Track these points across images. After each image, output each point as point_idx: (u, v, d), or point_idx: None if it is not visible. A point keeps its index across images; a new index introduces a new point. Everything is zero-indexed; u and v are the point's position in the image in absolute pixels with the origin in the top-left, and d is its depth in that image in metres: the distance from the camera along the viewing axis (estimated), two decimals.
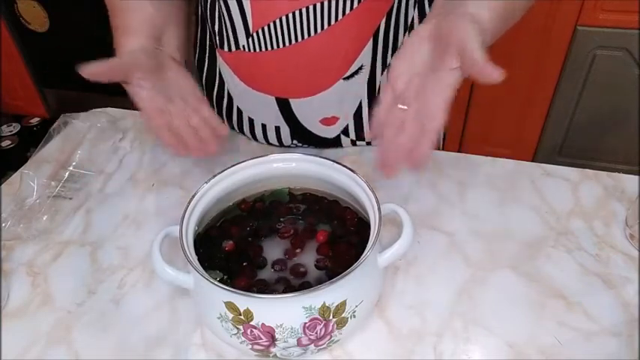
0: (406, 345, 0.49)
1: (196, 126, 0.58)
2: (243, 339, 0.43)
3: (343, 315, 0.43)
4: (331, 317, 0.42)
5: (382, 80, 0.67)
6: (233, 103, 0.73)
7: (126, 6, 0.59)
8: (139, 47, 0.56)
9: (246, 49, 0.63)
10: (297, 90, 0.66)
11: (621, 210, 0.61)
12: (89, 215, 0.65)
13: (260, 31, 0.60)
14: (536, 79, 1.46)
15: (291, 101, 0.67)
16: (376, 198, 0.46)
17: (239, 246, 0.51)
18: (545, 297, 0.52)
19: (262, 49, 0.62)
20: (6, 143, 2.15)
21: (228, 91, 0.72)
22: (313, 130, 0.71)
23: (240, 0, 0.59)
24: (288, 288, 0.47)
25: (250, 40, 0.62)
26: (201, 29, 0.72)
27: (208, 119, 0.59)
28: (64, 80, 2.02)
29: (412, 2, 0.63)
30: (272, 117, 0.70)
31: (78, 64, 0.51)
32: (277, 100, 0.67)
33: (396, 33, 0.63)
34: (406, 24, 0.64)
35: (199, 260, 0.44)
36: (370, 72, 0.65)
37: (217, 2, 0.62)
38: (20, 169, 0.70)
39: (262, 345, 0.43)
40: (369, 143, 0.73)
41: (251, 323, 0.41)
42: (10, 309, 0.54)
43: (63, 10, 1.82)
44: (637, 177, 0.64)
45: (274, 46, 0.61)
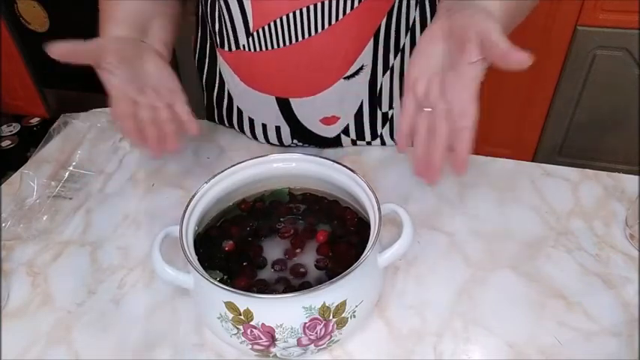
0: (406, 345, 0.49)
1: (163, 120, 0.56)
2: (243, 339, 0.43)
3: (343, 315, 0.43)
4: (331, 317, 0.42)
5: (383, 81, 0.67)
6: (233, 103, 0.73)
7: None
8: (119, 36, 0.56)
9: (246, 49, 0.63)
10: (297, 90, 0.66)
11: (621, 210, 0.61)
12: (89, 215, 0.65)
13: (260, 31, 0.60)
14: (536, 79, 1.46)
15: (291, 101, 0.67)
16: (376, 198, 0.46)
17: (239, 246, 0.51)
18: (545, 297, 0.52)
19: (263, 49, 0.62)
20: (6, 143, 2.15)
21: (228, 91, 0.72)
22: (313, 130, 0.71)
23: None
24: (288, 288, 0.47)
25: (250, 40, 0.62)
26: (201, 29, 0.72)
27: (179, 115, 0.57)
28: (64, 80, 2.02)
29: (413, 2, 0.63)
30: (272, 117, 0.70)
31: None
32: (277, 100, 0.67)
33: (397, 33, 0.63)
34: (407, 24, 0.64)
35: (199, 260, 0.44)
36: (371, 72, 0.65)
37: (217, 2, 0.61)
38: (20, 169, 0.70)
39: (262, 345, 0.43)
40: (369, 143, 0.73)
41: (251, 323, 0.41)
42: (10, 309, 0.54)
43: (63, 10, 1.82)
44: (637, 177, 0.64)
45: (275, 46, 0.61)
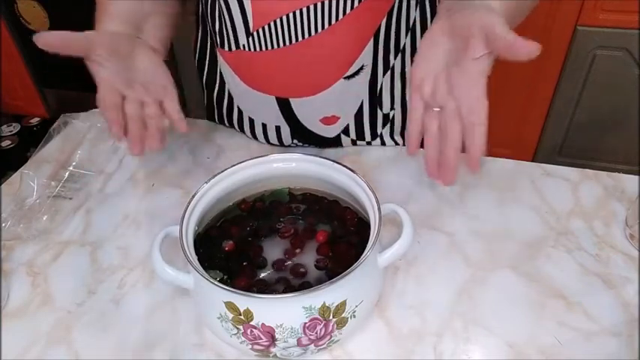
0: (406, 345, 0.49)
1: (149, 117, 0.55)
2: (243, 339, 0.43)
3: (343, 315, 0.43)
4: (331, 317, 0.42)
5: (384, 81, 0.67)
6: (233, 103, 0.73)
7: None
8: (113, 30, 0.56)
9: (246, 49, 0.63)
10: (297, 89, 0.66)
11: (621, 210, 0.61)
12: (89, 215, 0.65)
13: (260, 31, 0.60)
14: (536, 79, 1.46)
15: (291, 101, 0.67)
16: (376, 198, 0.46)
17: (239, 246, 0.51)
18: (545, 297, 0.52)
19: (263, 49, 0.62)
20: (6, 143, 2.15)
21: (228, 91, 0.72)
22: (313, 130, 0.71)
23: None
24: (288, 288, 0.47)
25: (250, 40, 0.62)
26: (201, 29, 0.72)
27: (168, 112, 0.56)
28: (64, 80, 2.01)
29: (413, 2, 0.63)
30: (272, 116, 0.70)
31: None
32: (277, 100, 0.67)
33: (398, 33, 0.63)
34: (407, 24, 0.64)
35: (199, 260, 0.44)
36: (371, 72, 0.65)
37: (217, 2, 0.61)
38: (20, 169, 0.70)
39: (262, 345, 0.43)
40: (369, 143, 0.73)
41: (251, 323, 0.41)
42: (10, 309, 0.54)
43: (63, 10, 1.82)
44: (637, 177, 0.64)
45: (275, 46, 0.61)
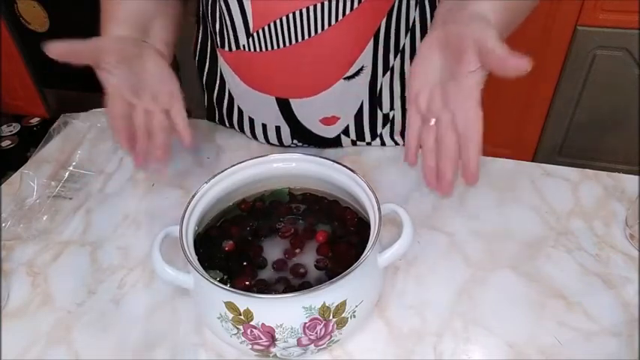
0: (406, 345, 0.49)
1: (155, 128, 0.55)
2: (243, 339, 0.43)
3: (343, 315, 0.43)
4: (331, 317, 0.42)
5: (383, 82, 0.67)
6: (234, 103, 0.73)
7: None
8: (120, 35, 0.55)
9: (246, 49, 0.63)
10: (297, 90, 0.66)
11: (621, 210, 0.61)
12: (89, 215, 0.65)
13: (260, 31, 0.60)
14: (536, 79, 1.45)
15: (291, 101, 0.67)
16: (376, 198, 0.46)
17: (239, 246, 0.51)
18: (545, 297, 0.52)
19: (263, 49, 0.62)
20: (6, 143, 2.15)
21: (228, 91, 0.72)
22: (313, 130, 0.71)
23: (240, 0, 0.59)
24: (288, 288, 0.47)
25: (251, 40, 0.62)
26: (202, 30, 0.72)
27: (175, 123, 0.56)
28: (64, 80, 2.02)
29: (413, 2, 0.63)
30: (272, 117, 0.70)
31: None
32: (277, 100, 0.67)
33: (397, 33, 0.63)
34: (407, 24, 0.64)
35: (199, 260, 0.44)
36: (371, 73, 0.65)
37: (218, 2, 0.61)
38: (20, 169, 0.70)
39: (262, 345, 0.43)
40: (369, 143, 0.73)
41: (251, 323, 0.41)
42: (10, 309, 0.54)
43: (63, 10, 1.82)
44: (637, 177, 0.64)
45: (275, 46, 0.61)
